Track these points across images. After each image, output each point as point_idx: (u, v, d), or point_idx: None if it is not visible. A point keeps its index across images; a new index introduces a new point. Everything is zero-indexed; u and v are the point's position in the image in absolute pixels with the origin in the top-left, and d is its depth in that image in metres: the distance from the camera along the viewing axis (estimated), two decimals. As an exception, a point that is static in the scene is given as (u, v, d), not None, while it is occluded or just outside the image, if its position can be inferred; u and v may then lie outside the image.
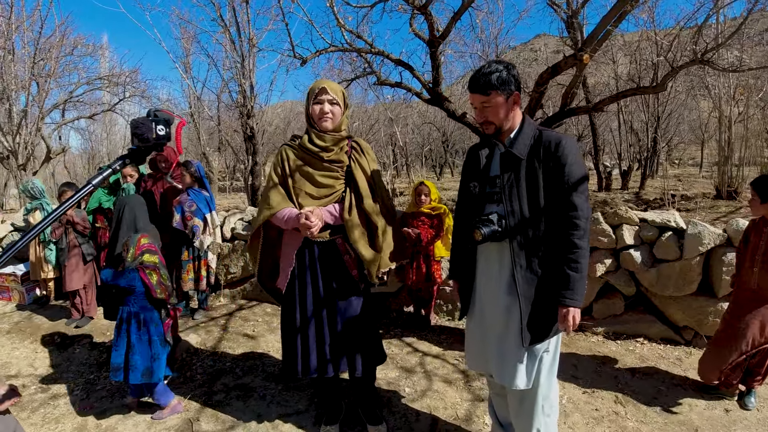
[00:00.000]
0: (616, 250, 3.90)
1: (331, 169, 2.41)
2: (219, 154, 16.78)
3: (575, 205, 1.91)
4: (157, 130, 1.24)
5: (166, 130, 1.25)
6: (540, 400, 2.13)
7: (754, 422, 2.80)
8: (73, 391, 3.26)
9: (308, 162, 2.40)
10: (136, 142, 1.25)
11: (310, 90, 2.38)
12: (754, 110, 6.38)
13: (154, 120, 1.25)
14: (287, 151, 2.44)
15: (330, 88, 2.35)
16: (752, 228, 2.95)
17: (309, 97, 2.38)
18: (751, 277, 2.84)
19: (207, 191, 4.43)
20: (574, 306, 1.92)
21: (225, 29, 7.03)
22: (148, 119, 1.25)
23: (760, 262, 2.80)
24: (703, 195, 7.10)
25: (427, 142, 20.97)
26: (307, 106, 2.40)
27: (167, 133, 1.26)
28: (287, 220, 2.36)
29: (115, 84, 12.08)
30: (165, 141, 1.26)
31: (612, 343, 3.82)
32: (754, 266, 2.83)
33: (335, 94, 2.36)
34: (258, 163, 8.72)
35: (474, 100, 2.01)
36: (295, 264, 2.46)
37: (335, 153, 2.41)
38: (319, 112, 2.34)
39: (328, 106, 2.34)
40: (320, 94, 2.34)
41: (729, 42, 4.53)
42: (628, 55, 10.06)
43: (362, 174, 2.46)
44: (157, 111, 1.26)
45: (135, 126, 1.23)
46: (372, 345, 2.57)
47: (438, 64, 5.27)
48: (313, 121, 2.39)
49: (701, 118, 15.15)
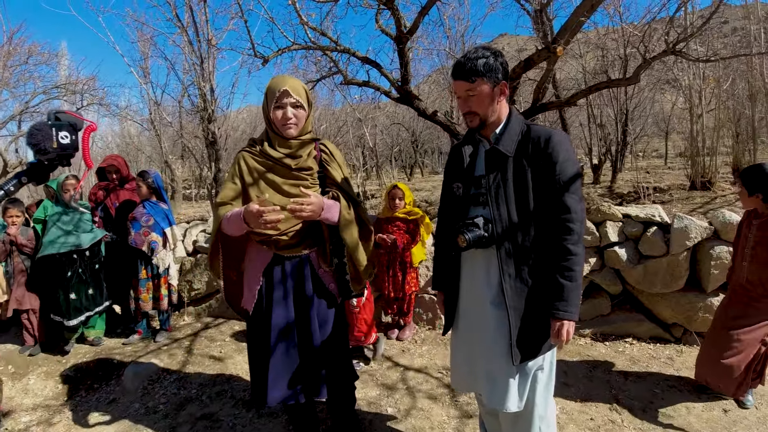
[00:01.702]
0: (600, 248, 3.77)
1: (300, 178, 2.12)
2: (182, 161, 16.25)
3: (568, 207, 1.72)
4: (59, 137, 0.96)
5: (71, 137, 0.96)
6: (536, 421, 1.93)
7: (754, 421, 2.69)
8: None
9: (272, 169, 2.09)
10: (32, 154, 0.96)
11: (269, 90, 2.03)
12: (723, 100, 6.40)
13: (55, 125, 0.97)
14: (246, 158, 2.11)
15: (293, 89, 2.02)
16: (745, 220, 2.85)
17: (268, 98, 2.04)
18: (742, 271, 2.75)
19: (165, 203, 4.10)
20: (568, 319, 1.73)
21: (182, 30, 6.65)
22: (46, 124, 0.96)
23: (749, 256, 2.70)
24: (676, 186, 7.10)
25: (396, 143, 20.80)
26: (267, 109, 2.06)
27: (73, 141, 0.96)
28: (232, 221, 1.98)
29: (73, 92, 11.59)
30: (71, 151, 0.96)
31: (601, 345, 3.67)
32: (744, 260, 2.74)
33: (299, 96, 2.03)
34: (221, 170, 8.36)
35: (458, 88, 1.80)
36: (263, 282, 2.17)
37: (303, 160, 2.12)
38: (282, 118, 2.02)
39: (291, 111, 2.01)
40: (282, 97, 2.00)
41: (700, 33, 4.46)
42: (590, 51, 10.08)
43: (339, 178, 2.21)
44: (59, 113, 0.98)
45: (30, 134, 0.95)
46: (345, 364, 2.33)
47: (406, 61, 5.06)
48: (275, 127, 2.07)
49: (665, 110, 15.39)
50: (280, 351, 2.15)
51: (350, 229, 2.13)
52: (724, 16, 6.05)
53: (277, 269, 2.14)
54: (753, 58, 5.86)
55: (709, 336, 2.93)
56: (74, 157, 0.95)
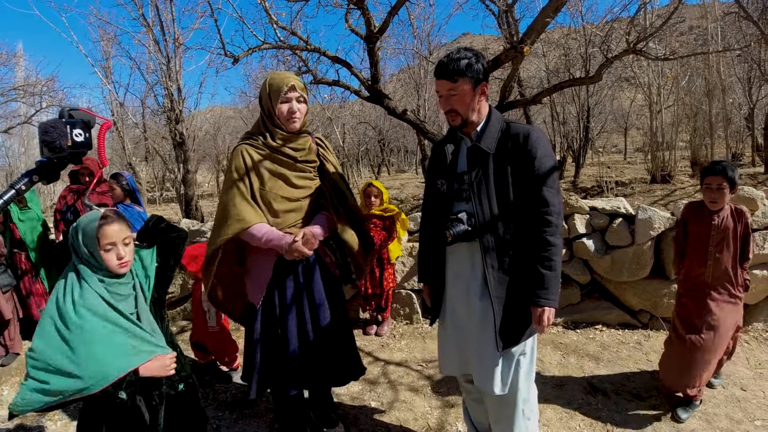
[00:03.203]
0: (569, 240, 3.91)
1: (305, 170, 2.24)
2: (146, 163, 15.85)
3: (546, 200, 1.82)
4: (74, 135, 0.94)
5: (85, 134, 0.95)
6: (520, 404, 2.03)
7: (723, 400, 2.85)
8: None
9: (280, 163, 2.17)
10: (46, 152, 0.93)
11: (275, 86, 2.11)
12: (681, 97, 6.71)
13: (69, 122, 0.94)
14: (250, 152, 2.15)
15: (298, 85, 2.13)
16: (693, 215, 2.73)
17: (273, 94, 2.11)
18: (705, 270, 2.64)
19: (140, 206, 4.04)
20: (549, 306, 1.83)
21: (148, 29, 6.52)
22: (60, 121, 0.94)
23: (714, 254, 2.61)
24: (637, 180, 7.39)
25: (363, 142, 20.85)
26: (271, 104, 2.12)
27: (87, 139, 0.94)
28: (267, 242, 2.11)
29: (31, 94, 11.18)
30: (84, 149, 0.96)
31: (572, 332, 3.82)
32: (707, 258, 2.63)
33: (302, 91, 2.15)
34: (190, 171, 8.23)
35: (440, 87, 1.88)
36: (272, 275, 2.23)
37: (305, 152, 2.23)
38: (288, 113, 2.11)
39: (296, 105, 2.12)
40: (289, 92, 2.10)
41: (659, 33, 4.67)
42: (553, 50, 10.37)
43: (334, 171, 2.34)
44: (73, 110, 0.96)
45: (44, 131, 0.92)
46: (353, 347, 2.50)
47: (376, 61, 5.11)
48: (278, 121, 2.14)
49: (624, 107, 15.96)
50: (294, 339, 2.24)
51: (345, 230, 2.26)
52: (682, 15, 6.34)
53: (286, 262, 2.21)
54: (710, 55, 6.16)
55: (671, 343, 2.78)
56: (86, 155, 0.95)
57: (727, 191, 2.52)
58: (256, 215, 2.12)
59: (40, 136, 0.94)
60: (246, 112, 19.31)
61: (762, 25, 6.65)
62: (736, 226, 2.60)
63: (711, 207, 2.60)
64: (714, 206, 2.59)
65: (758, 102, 10.56)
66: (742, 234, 2.61)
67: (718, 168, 2.52)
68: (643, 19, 5.56)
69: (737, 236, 2.60)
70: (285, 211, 2.18)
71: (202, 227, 4.50)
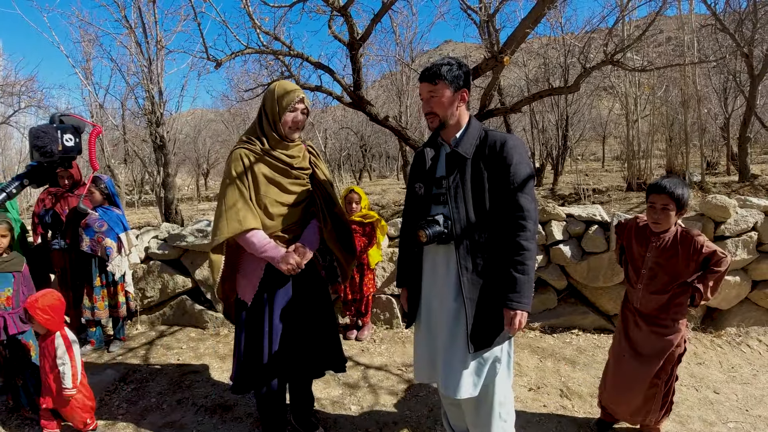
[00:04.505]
0: (546, 246, 3.99)
1: (299, 177, 2.35)
2: (126, 166, 15.64)
3: (521, 206, 1.88)
4: (64, 140, 0.95)
5: (75, 139, 0.97)
6: (497, 407, 2.08)
7: (696, 402, 2.93)
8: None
9: (276, 169, 2.27)
10: (36, 156, 0.94)
11: (285, 96, 2.21)
12: (658, 107, 6.89)
13: (60, 128, 0.96)
14: (248, 156, 2.24)
15: (306, 99, 2.28)
16: (633, 233, 2.48)
17: (282, 103, 2.20)
18: (634, 293, 2.46)
19: (119, 208, 4.00)
20: (521, 309, 1.88)
21: (130, 30, 6.47)
22: (51, 126, 0.96)
23: (646, 278, 2.38)
24: (613, 187, 7.54)
25: (344, 147, 20.89)
26: (278, 111, 2.22)
27: (77, 144, 0.97)
28: (263, 252, 2.23)
29: (10, 94, 11.01)
30: (75, 154, 0.98)
31: (549, 336, 3.89)
32: (639, 281, 2.41)
33: (308, 105, 2.31)
34: (170, 174, 8.15)
35: (422, 89, 1.98)
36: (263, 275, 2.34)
37: (300, 160, 2.36)
38: (293, 122, 2.24)
39: (300, 116, 2.27)
40: (299, 103, 2.24)
41: (637, 45, 4.80)
42: (533, 59, 10.55)
43: (325, 178, 2.46)
44: (64, 116, 0.98)
45: (36, 136, 0.94)
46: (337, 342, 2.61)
47: (359, 67, 5.16)
48: (281, 129, 2.25)
49: (602, 116, 16.28)
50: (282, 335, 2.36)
51: (332, 239, 2.43)
52: (660, 27, 6.52)
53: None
54: (686, 66, 6.33)
55: (611, 365, 2.66)
56: (76, 159, 0.97)
57: (672, 213, 2.24)
58: (254, 219, 2.21)
59: (31, 141, 0.95)
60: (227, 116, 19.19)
61: (738, 38, 6.90)
62: (680, 252, 2.27)
63: (654, 228, 2.34)
64: (657, 227, 2.32)
65: (734, 112, 10.89)
66: (696, 266, 2.27)
67: (663, 186, 2.24)
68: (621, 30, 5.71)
69: (680, 266, 2.29)
70: (279, 215, 2.29)
71: (182, 231, 4.47)
